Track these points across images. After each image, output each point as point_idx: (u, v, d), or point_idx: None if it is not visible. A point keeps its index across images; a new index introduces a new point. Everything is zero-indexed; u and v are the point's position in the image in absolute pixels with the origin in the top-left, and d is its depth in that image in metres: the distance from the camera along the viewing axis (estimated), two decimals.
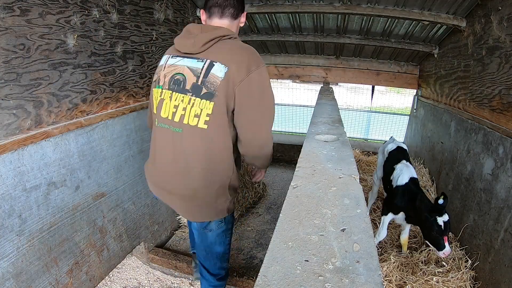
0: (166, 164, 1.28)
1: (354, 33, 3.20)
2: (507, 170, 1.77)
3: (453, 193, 2.47)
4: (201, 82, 1.14)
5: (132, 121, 2.12)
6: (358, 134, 5.39)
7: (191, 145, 1.20)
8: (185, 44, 1.19)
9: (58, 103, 1.60)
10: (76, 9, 1.63)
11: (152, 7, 2.24)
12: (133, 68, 2.11)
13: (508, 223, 1.70)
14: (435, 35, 2.92)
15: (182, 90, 1.18)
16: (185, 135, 1.19)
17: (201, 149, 1.20)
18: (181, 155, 1.22)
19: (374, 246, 0.65)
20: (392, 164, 2.33)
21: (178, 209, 1.39)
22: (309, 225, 0.72)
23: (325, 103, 2.37)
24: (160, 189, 1.36)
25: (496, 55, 1.99)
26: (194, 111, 1.15)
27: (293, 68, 4.10)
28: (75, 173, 1.71)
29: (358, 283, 0.54)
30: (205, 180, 1.23)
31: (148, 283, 2.18)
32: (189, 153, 1.21)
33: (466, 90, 2.43)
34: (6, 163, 1.35)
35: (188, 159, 1.22)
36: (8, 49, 1.33)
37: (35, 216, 1.49)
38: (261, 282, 0.54)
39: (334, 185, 0.92)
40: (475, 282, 1.93)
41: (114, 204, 2.01)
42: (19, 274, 1.42)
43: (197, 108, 1.15)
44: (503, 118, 1.89)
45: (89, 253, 1.82)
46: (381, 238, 2.18)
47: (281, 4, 2.73)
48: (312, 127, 1.59)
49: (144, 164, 1.45)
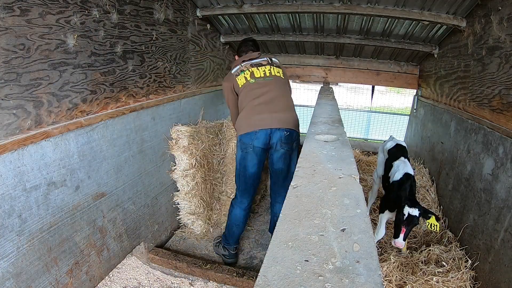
0: (267, 98, 2.14)
1: (354, 33, 3.20)
2: (507, 170, 1.77)
3: (453, 193, 2.47)
4: (272, 61, 2.33)
5: (132, 121, 2.12)
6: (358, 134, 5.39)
7: (279, 85, 2.23)
8: (251, 56, 2.34)
9: (58, 103, 1.60)
10: (76, 9, 1.63)
11: (152, 7, 2.24)
12: (133, 68, 2.11)
13: (508, 223, 1.70)
14: (435, 35, 2.92)
15: (263, 66, 2.25)
16: (274, 81, 2.21)
17: (284, 87, 2.28)
18: (275, 91, 2.18)
19: (374, 246, 0.65)
20: (391, 161, 2.35)
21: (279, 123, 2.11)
22: (309, 225, 0.72)
23: (325, 103, 2.38)
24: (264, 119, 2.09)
25: (496, 55, 1.99)
26: (274, 70, 2.26)
27: (293, 68, 4.10)
28: (75, 173, 1.71)
29: (358, 283, 0.54)
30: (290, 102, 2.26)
31: (148, 283, 2.18)
32: (278, 88, 2.20)
33: (466, 90, 2.43)
34: (6, 163, 1.35)
35: (279, 92, 2.19)
36: (8, 49, 1.33)
37: (35, 216, 1.49)
38: (261, 282, 0.54)
39: (334, 185, 0.92)
40: (475, 282, 1.93)
41: (114, 204, 2.01)
42: (19, 274, 1.42)
43: (274, 69, 2.26)
44: (503, 118, 1.89)
45: (89, 253, 1.82)
46: (379, 237, 2.18)
47: (281, 4, 2.73)
48: (312, 127, 1.59)
49: (239, 121, 2.16)
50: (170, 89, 2.57)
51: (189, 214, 2.68)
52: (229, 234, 2.35)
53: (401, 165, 2.19)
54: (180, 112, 2.70)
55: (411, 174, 2.07)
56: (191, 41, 2.87)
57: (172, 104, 2.57)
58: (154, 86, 2.36)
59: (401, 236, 1.81)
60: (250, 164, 2.15)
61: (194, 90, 2.98)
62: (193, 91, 2.95)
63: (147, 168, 2.31)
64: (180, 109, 2.70)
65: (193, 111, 2.94)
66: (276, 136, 2.09)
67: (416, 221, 1.82)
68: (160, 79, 2.44)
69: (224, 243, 2.40)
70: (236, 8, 2.84)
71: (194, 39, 2.92)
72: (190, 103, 2.88)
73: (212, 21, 3.28)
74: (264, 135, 2.08)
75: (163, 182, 2.53)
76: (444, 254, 2.11)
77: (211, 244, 2.63)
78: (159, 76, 2.42)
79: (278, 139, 2.10)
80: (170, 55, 2.54)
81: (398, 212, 1.84)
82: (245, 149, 2.13)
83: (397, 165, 2.22)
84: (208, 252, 2.56)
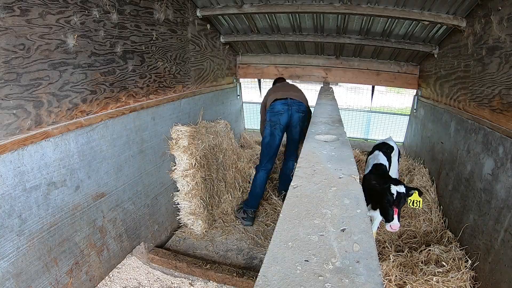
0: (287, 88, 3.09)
1: (354, 33, 3.20)
2: (507, 170, 1.77)
3: (453, 193, 2.47)
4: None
5: (132, 121, 2.12)
6: (358, 134, 5.38)
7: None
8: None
9: (58, 103, 1.60)
10: (76, 9, 1.63)
11: (152, 7, 2.24)
12: (133, 68, 2.11)
13: (508, 223, 1.70)
14: (435, 35, 2.92)
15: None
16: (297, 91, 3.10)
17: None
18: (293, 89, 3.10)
19: (374, 246, 0.65)
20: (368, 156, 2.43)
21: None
22: (309, 225, 0.72)
23: (325, 103, 2.38)
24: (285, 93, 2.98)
25: (496, 55, 1.99)
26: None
27: (293, 68, 4.10)
28: (75, 173, 1.70)
29: (358, 283, 0.54)
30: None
31: (148, 283, 2.18)
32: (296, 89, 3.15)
33: (466, 90, 2.43)
34: (6, 163, 1.35)
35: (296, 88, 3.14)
36: (8, 49, 1.33)
37: (35, 216, 1.49)
38: (261, 282, 0.54)
39: (334, 185, 0.92)
40: (475, 282, 1.93)
41: (114, 204, 2.01)
42: (19, 274, 1.42)
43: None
44: (503, 118, 1.89)
45: (89, 253, 1.82)
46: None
47: (281, 4, 2.73)
48: (312, 127, 1.59)
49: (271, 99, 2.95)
50: (170, 89, 2.57)
51: (189, 214, 2.68)
52: (252, 197, 2.94)
53: (372, 158, 2.24)
54: (180, 112, 2.70)
55: (382, 164, 2.08)
56: (191, 41, 2.87)
57: (172, 104, 2.57)
58: (154, 86, 2.36)
59: (395, 217, 1.76)
60: (277, 137, 2.87)
61: (194, 90, 2.99)
62: (193, 91, 2.95)
63: (147, 168, 2.31)
64: (180, 109, 2.70)
65: (193, 111, 2.94)
66: (295, 117, 2.88)
67: (404, 198, 1.80)
68: (160, 79, 2.44)
69: (245, 207, 2.95)
70: (236, 8, 2.84)
71: (194, 39, 2.92)
72: (190, 103, 2.89)
73: (212, 21, 3.28)
74: (286, 117, 2.85)
75: (163, 182, 2.53)
76: (444, 254, 2.11)
77: (211, 244, 2.63)
78: (159, 76, 2.42)
79: (296, 120, 2.90)
80: (170, 55, 2.54)
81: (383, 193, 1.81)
82: (273, 126, 2.83)
83: (370, 158, 2.30)
84: (208, 252, 2.56)
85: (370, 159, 2.33)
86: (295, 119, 2.91)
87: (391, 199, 1.78)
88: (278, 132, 2.86)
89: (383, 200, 1.82)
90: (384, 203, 1.81)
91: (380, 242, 2.37)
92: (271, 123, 2.86)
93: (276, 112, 2.87)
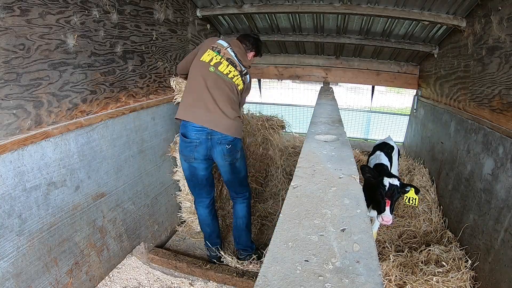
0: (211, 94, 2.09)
1: (354, 33, 3.20)
2: (507, 170, 1.77)
3: (453, 193, 2.47)
4: (243, 72, 2.16)
5: (132, 121, 2.12)
6: (358, 134, 5.39)
7: (229, 89, 2.09)
8: (238, 48, 2.19)
9: (58, 103, 1.60)
10: (76, 9, 1.63)
11: (152, 7, 2.24)
12: (133, 68, 2.11)
13: (508, 223, 1.70)
14: (435, 35, 2.92)
15: (234, 69, 2.12)
16: (229, 85, 2.09)
17: (232, 95, 2.12)
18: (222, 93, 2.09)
19: (374, 246, 0.65)
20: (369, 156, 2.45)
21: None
22: (309, 225, 0.72)
23: (325, 103, 2.38)
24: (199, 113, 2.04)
25: (496, 55, 1.99)
26: (238, 80, 2.13)
27: (293, 68, 4.09)
28: (75, 173, 1.70)
29: (358, 283, 0.54)
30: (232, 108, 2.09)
31: (148, 283, 2.18)
32: (227, 93, 2.09)
33: (466, 90, 2.43)
34: (6, 163, 1.35)
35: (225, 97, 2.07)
36: (8, 49, 1.33)
37: (35, 216, 1.49)
38: (261, 282, 0.54)
39: (334, 185, 0.92)
40: (475, 282, 1.93)
41: (114, 204, 2.01)
42: (19, 274, 1.42)
43: (239, 79, 2.13)
44: (503, 118, 1.89)
45: (89, 253, 1.82)
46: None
47: (281, 4, 2.73)
48: (312, 127, 1.59)
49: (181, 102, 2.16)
50: (170, 89, 2.57)
51: (190, 213, 2.69)
52: (206, 236, 2.39)
53: (373, 158, 2.24)
54: None
55: (384, 164, 2.09)
56: (191, 41, 2.86)
57: (172, 104, 2.57)
58: (154, 86, 2.36)
59: (387, 209, 1.72)
60: (200, 168, 2.11)
61: None
62: None
63: (147, 168, 2.31)
64: None
65: None
66: (218, 150, 2.04)
67: (398, 191, 1.79)
68: (160, 79, 2.44)
69: (206, 245, 2.42)
70: (236, 8, 2.84)
71: (194, 39, 2.92)
72: None
73: (212, 21, 3.28)
74: (204, 149, 2.02)
75: (163, 182, 2.53)
76: (444, 254, 2.11)
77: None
78: (159, 76, 2.42)
79: (220, 155, 2.05)
80: (170, 55, 2.54)
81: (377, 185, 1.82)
82: (188, 161, 2.08)
83: (371, 158, 2.30)
84: None
85: (372, 159, 2.34)
86: (218, 153, 2.04)
87: (383, 190, 1.79)
88: (199, 163, 2.08)
89: (376, 192, 1.83)
90: (377, 195, 1.82)
91: (380, 242, 2.37)
92: (184, 157, 2.08)
93: (188, 143, 2.00)
